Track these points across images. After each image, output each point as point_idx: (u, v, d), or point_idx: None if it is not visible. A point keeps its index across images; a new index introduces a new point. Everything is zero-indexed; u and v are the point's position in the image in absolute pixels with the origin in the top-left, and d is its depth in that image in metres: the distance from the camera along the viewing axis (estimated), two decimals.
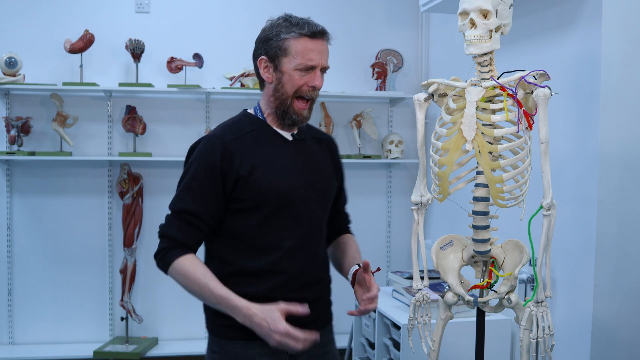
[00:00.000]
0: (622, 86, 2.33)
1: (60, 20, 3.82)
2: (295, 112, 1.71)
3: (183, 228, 1.68)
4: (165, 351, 3.84)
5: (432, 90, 1.87)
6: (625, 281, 2.37)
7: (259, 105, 1.79)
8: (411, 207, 1.92)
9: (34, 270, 3.89)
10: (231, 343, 1.70)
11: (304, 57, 1.65)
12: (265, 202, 1.68)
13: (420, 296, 1.88)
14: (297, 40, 1.65)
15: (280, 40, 1.66)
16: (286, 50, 1.66)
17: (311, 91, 1.69)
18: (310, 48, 1.66)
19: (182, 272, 1.64)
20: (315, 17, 4.66)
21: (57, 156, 3.70)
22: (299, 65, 1.66)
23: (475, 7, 1.71)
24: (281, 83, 1.68)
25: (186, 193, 1.70)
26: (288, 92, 1.68)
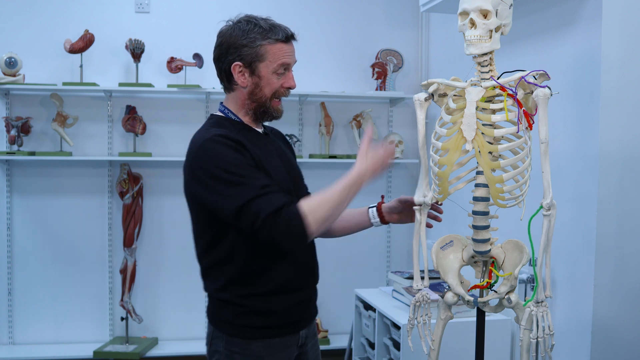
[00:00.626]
0: (622, 86, 2.33)
1: (60, 20, 3.82)
2: (274, 109, 1.77)
3: (274, 197, 1.59)
4: (165, 351, 3.84)
5: (432, 90, 1.87)
6: (625, 281, 2.37)
7: (227, 108, 1.79)
8: (414, 207, 1.92)
9: (34, 270, 3.89)
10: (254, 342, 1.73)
11: (280, 60, 1.72)
12: None
13: (420, 296, 1.88)
14: (274, 45, 1.71)
15: (257, 47, 1.71)
16: (263, 56, 1.71)
17: (286, 91, 1.77)
18: (285, 51, 1.73)
19: (319, 202, 1.62)
20: (315, 17, 4.70)
21: (57, 156, 3.71)
22: (276, 69, 1.72)
23: (475, 7, 1.71)
24: (259, 87, 1.73)
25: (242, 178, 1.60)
26: (267, 95, 1.74)
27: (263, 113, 1.77)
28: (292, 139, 3.93)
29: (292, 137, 3.93)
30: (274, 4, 4.01)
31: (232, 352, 1.74)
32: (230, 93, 1.79)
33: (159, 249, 4.00)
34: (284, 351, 1.77)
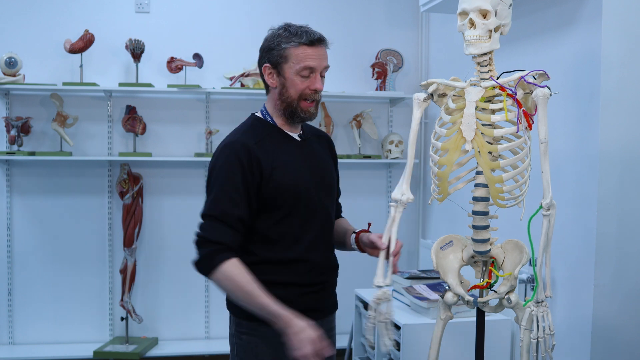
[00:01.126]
0: (622, 86, 2.33)
1: (60, 20, 3.82)
2: (303, 110, 1.85)
3: (226, 231, 1.75)
4: (165, 351, 3.84)
5: (432, 90, 1.87)
6: (625, 281, 2.37)
7: (266, 109, 1.92)
8: (390, 203, 1.90)
9: (34, 270, 3.89)
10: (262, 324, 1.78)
11: (303, 63, 1.80)
12: (286, 199, 1.82)
13: (381, 294, 1.84)
14: (297, 48, 1.80)
15: (282, 49, 1.81)
16: (287, 58, 1.81)
17: (313, 94, 1.84)
18: (309, 54, 1.80)
19: (230, 277, 1.72)
20: (315, 17, 4.69)
21: (57, 156, 3.71)
22: (299, 71, 1.80)
23: (475, 7, 1.71)
24: (285, 87, 1.83)
25: (223, 196, 1.77)
26: (293, 96, 1.83)
27: (292, 114, 1.86)
28: None
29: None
30: (274, 4, 4.01)
31: (241, 333, 1.85)
32: (268, 95, 1.91)
33: (159, 249, 4.00)
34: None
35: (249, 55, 3.94)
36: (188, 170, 3.99)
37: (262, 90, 3.83)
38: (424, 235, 4.17)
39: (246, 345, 1.86)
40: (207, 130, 3.86)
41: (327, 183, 1.96)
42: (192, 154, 3.91)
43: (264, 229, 1.83)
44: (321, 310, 1.92)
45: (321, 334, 1.70)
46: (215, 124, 3.92)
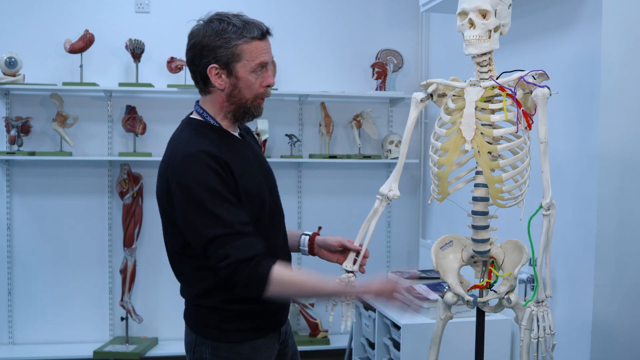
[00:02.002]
0: (622, 86, 2.33)
1: (60, 20, 3.82)
2: (256, 108, 1.72)
3: (247, 241, 1.57)
4: (165, 351, 3.84)
5: (432, 90, 1.87)
6: (625, 281, 2.37)
7: (205, 110, 1.74)
8: (377, 196, 1.91)
9: (34, 270, 3.89)
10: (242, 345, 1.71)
11: (257, 59, 1.66)
12: (254, 206, 1.68)
13: (345, 277, 1.84)
14: (249, 44, 1.65)
15: (232, 47, 1.64)
16: (239, 56, 1.64)
17: (267, 91, 1.71)
18: (262, 49, 1.66)
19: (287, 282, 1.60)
20: (315, 17, 4.68)
21: (57, 156, 3.71)
22: (254, 68, 1.66)
23: (474, 7, 1.71)
24: (238, 88, 1.67)
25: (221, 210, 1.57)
26: (247, 97, 1.68)
27: (244, 114, 1.71)
28: (292, 139, 3.93)
29: (292, 137, 3.93)
30: (274, 4, 4.01)
31: (220, 357, 1.71)
32: (206, 95, 1.73)
33: (159, 249, 3.97)
34: (269, 350, 1.77)
35: None
36: None
37: None
38: (424, 235, 4.17)
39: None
40: None
41: (274, 182, 1.84)
42: None
43: None
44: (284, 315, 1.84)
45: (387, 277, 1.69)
46: None
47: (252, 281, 1.56)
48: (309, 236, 1.91)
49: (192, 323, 1.75)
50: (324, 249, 1.90)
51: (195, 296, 1.73)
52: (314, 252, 1.92)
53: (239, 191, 1.63)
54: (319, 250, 1.91)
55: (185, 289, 1.77)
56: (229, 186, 1.60)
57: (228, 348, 1.71)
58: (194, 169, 1.58)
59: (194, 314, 1.74)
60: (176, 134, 1.76)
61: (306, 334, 3.89)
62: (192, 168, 1.59)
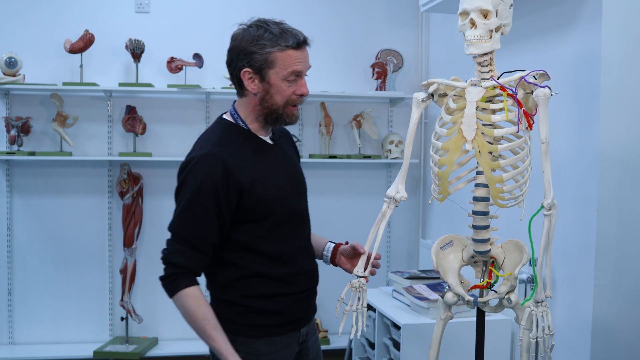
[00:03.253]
0: (622, 86, 2.33)
1: (60, 20, 3.82)
2: (288, 115, 1.75)
3: (189, 254, 1.68)
4: (165, 351, 3.84)
5: (432, 90, 1.87)
6: (625, 281, 2.37)
7: (238, 113, 1.79)
8: (384, 199, 1.91)
9: (34, 270, 3.88)
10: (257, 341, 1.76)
11: (290, 68, 1.68)
12: (272, 211, 1.73)
13: (357, 282, 1.85)
14: (283, 52, 1.67)
15: (266, 54, 1.67)
16: (272, 63, 1.68)
17: (299, 99, 1.73)
18: (296, 58, 1.69)
19: (185, 307, 1.67)
20: (315, 17, 4.68)
21: (57, 156, 3.70)
22: (286, 77, 1.69)
23: (476, 7, 1.71)
24: (269, 94, 1.71)
25: (189, 216, 1.68)
26: (278, 103, 1.71)
27: (276, 119, 1.75)
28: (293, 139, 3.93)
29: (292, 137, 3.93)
30: (274, 4, 4.01)
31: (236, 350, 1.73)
32: (242, 98, 1.78)
33: (159, 249, 3.98)
34: (286, 348, 1.80)
35: None
36: None
37: None
38: (424, 235, 4.17)
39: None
40: None
41: (302, 188, 1.89)
42: None
43: (251, 242, 1.73)
44: (306, 316, 1.87)
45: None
46: None
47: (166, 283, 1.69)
48: (334, 244, 1.96)
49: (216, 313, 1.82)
50: (342, 255, 1.93)
51: (216, 289, 1.79)
52: (335, 261, 1.94)
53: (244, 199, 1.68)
54: (339, 259, 1.94)
55: (209, 282, 1.83)
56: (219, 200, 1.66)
57: (243, 342, 1.75)
58: (197, 170, 1.67)
59: (215, 306, 1.78)
60: (205, 132, 1.83)
61: None
62: (196, 169, 1.68)
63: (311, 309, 1.89)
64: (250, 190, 1.68)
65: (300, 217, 1.84)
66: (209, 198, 1.65)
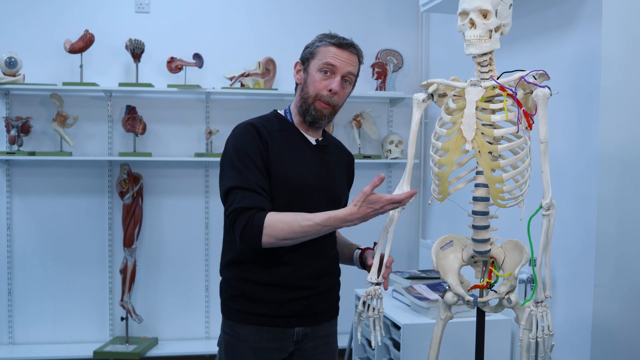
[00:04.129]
0: (622, 86, 2.33)
1: (60, 20, 3.82)
2: (316, 109, 1.83)
3: (251, 197, 1.71)
4: (165, 351, 3.84)
5: (432, 91, 1.87)
6: (625, 281, 2.37)
7: (289, 107, 1.94)
8: None
9: (34, 270, 3.89)
10: (242, 326, 1.80)
11: (325, 59, 1.81)
12: (281, 193, 1.78)
13: (372, 290, 1.85)
14: (325, 47, 1.83)
15: (313, 47, 1.85)
16: (314, 54, 1.84)
17: (329, 95, 1.82)
18: (334, 53, 1.81)
19: (280, 220, 1.67)
20: (315, 17, 4.67)
21: (57, 156, 3.71)
22: (320, 67, 1.81)
23: (475, 7, 1.71)
24: (306, 84, 1.84)
25: (236, 168, 1.75)
26: (310, 93, 1.83)
27: (305, 111, 1.85)
28: None
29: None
30: (274, 4, 4.01)
31: (224, 332, 1.84)
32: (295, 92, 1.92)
33: (159, 249, 4.00)
34: (275, 342, 1.81)
35: (249, 55, 3.95)
36: (188, 170, 3.99)
37: (263, 90, 3.83)
38: (424, 235, 4.17)
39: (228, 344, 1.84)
40: (207, 130, 3.86)
41: (333, 193, 1.92)
42: (192, 154, 3.91)
43: None
44: (312, 316, 1.87)
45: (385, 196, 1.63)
46: (215, 124, 3.92)
47: (247, 229, 1.67)
48: (360, 250, 2.00)
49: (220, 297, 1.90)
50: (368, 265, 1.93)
51: (221, 268, 1.88)
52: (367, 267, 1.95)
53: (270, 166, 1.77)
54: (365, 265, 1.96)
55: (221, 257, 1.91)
56: (261, 155, 1.76)
57: (229, 325, 1.82)
58: (236, 134, 1.81)
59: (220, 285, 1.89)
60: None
61: None
62: (234, 134, 1.82)
63: (315, 311, 1.88)
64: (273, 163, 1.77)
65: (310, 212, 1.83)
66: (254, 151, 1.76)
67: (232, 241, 1.80)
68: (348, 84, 1.86)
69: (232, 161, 1.76)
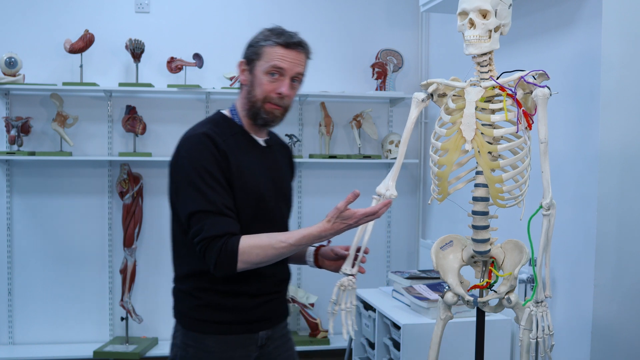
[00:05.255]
0: (622, 86, 2.33)
1: (60, 20, 3.82)
2: (267, 112, 1.75)
3: (223, 221, 1.64)
4: (165, 351, 3.82)
5: (432, 90, 1.87)
6: (625, 281, 2.37)
7: (235, 108, 1.83)
8: (373, 196, 1.90)
9: (34, 270, 3.89)
10: (209, 337, 1.77)
11: (272, 62, 1.72)
12: (248, 203, 1.72)
13: (346, 281, 1.83)
14: (272, 47, 1.73)
15: (258, 47, 1.74)
16: (260, 55, 1.74)
17: (279, 98, 1.74)
18: (281, 55, 1.72)
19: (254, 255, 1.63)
20: (315, 17, 4.67)
21: (57, 156, 3.71)
22: (268, 70, 1.72)
23: (475, 7, 1.71)
24: (253, 86, 1.75)
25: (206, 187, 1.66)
26: (258, 96, 1.74)
27: (255, 115, 1.76)
28: (292, 139, 3.93)
29: (292, 137, 3.93)
30: (274, 4, 4.01)
31: (187, 345, 1.80)
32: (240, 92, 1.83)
33: (159, 249, 4.00)
34: (241, 350, 1.78)
35: None
36: None
37: None
38: (424, 235, 4.17)
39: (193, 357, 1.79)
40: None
41: (285, 194, 1.89)
42: None
43: None
44: (273, 319, 1.85)
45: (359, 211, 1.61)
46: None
47: (222, 257, 1.62)
48: (315, 248, 1.92)
49: (174, 308, 1.85)
50: (325, 258, 1.90)
51: (175, 279, 1.83)
52: (319, 264, 1.93)
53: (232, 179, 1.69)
54: (322, 261, 1.92)
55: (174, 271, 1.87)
56: (222, 169, 1.67)
57: (194, 337, 1.78)
58: (191, 147, 1.70)
59: (174, 298, 1.83)
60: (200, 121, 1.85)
61: (306, 334, 3.89)
62: (190, 147, 1.71)
63: (275, 314, 1.86)
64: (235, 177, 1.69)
65: (276, 224, 1.80)
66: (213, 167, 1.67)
67: (189, 253, 1.74)
68: (297, 83, 1.78)
69: (192, 181, 1.67)
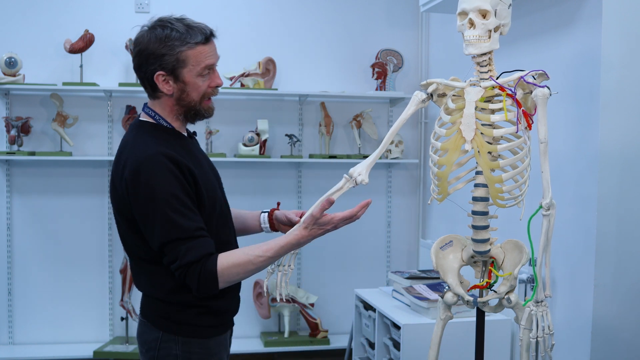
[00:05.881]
0: (622, 86, 2.33)
1: (60, 20, 3.82)
2: (205, 109, 1.75)
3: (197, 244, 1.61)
4: None
5: (432, 90, 1.87)
6: (625, 281, 2.37)
7: (157, 113, 1.74)
8: (344, 175, 1.92)
9: (34, 270, 3.89)
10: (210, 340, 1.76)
11: (203, 63, 1.68)
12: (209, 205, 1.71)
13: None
14: (194, 49, 1.67)
15: (177, 54, 1.66)
16: (185, 62, 1.67)
17: (214, 91, 1.74)
18: (206, 53, 1.69)
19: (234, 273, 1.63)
20: (315, 17, 4.67)
21: (57, 156, 3.71)
22: (200, 72, 1.68)
23: (474, 7, 1.71)
24: (186, 92, 1.70)
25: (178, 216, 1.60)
26: (195, 99, 1.71)
27: (194, 115, 1.75)
28: (292, 139, 3.93)
29: (292, 137, 3.93)
30: (274, 4, 4.01)
31: (191, 353, 1.73)
32: (155, 100, 1.74)
33: None
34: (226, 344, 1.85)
35: (249, 55, 3.95)
36: None
37: (263, 90, 3.83)
38: (424, 235, 4.17)
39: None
40: (207, 130, 3.86)
41: (220, 180, 1.90)
42: None
43: None
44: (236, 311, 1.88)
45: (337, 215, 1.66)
46: (215, 124, 3.92)
47: (202, 281, 1.60)
48: (267, 213, 1.95)
49: (161, 320, 1.75)
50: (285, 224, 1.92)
51: (167, 292, 1.72)
52: (275, 228, 1.94)
53: (200, 192, 1.67)
54: (279, 226, 1.94)
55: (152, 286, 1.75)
56: (187, 190, 1.63)
57: (198, 343, 1.74)
58: (154, 172, 1.61)
59: (162, 310, 1.74)
60: (131, 137, 1.73)
61: (306, 334, 3.89)
62: (152, 171, 1.61)
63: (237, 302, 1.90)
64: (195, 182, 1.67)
65: (227, 209, 1.84)
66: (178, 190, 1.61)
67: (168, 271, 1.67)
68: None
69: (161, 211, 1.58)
